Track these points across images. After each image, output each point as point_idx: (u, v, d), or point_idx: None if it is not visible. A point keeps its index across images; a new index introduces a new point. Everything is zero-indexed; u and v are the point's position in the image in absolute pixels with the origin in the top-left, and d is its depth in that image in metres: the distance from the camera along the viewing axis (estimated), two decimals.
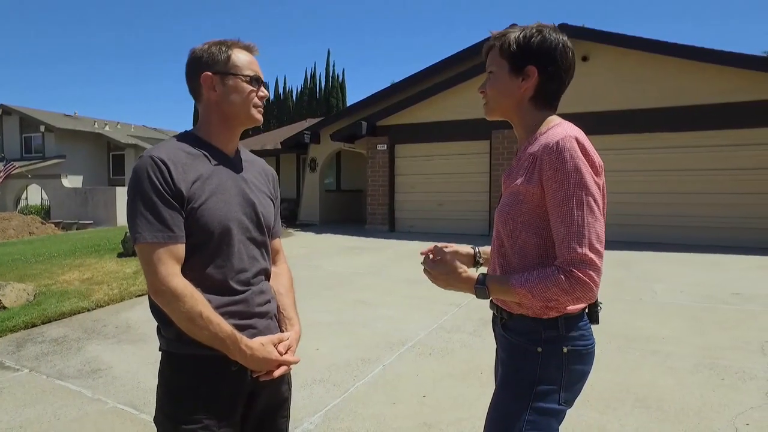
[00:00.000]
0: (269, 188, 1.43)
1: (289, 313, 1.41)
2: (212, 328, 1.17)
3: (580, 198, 1.10)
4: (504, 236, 1.24)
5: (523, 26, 1.26)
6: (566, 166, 1.11)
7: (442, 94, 11.00)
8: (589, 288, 1.09)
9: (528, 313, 1.21)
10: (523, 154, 1.25)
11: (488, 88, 1.30)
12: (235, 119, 1.31)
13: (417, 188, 11.70)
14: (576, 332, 1.21)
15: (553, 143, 1.14)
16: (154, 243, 1.15)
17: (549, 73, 1.23)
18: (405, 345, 3.87)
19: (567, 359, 1.19)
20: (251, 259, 1.31)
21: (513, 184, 1.23)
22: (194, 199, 1.20)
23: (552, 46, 1.22)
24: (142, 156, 1.20)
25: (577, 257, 1.09)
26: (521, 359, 1.22)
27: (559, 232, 1.12)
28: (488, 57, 1.30)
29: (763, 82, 8.28)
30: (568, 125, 1.21)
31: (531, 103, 1.26)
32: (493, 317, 1.37)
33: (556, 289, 1.10)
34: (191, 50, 1.31)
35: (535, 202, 1.17)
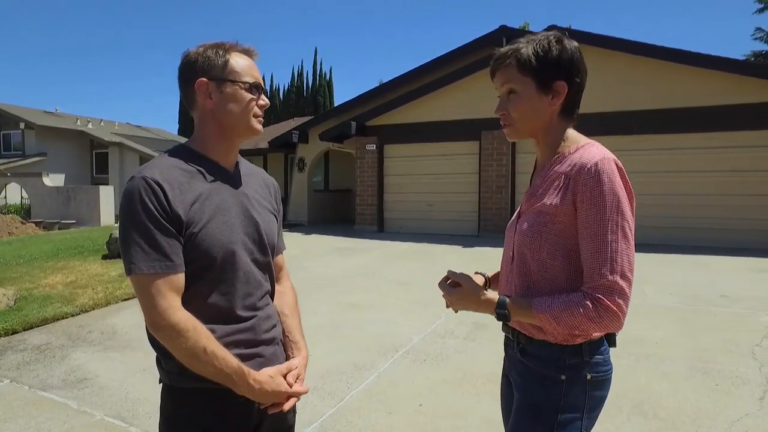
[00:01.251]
0: (271, 202, 1.35)
1: (295, 336, 1.33)
2: (217, 364, 1.09)
3: (615, 223, 1.07)
4: (529, 258, 1.18)
5: (530, 36, 1.20)
6: (603, 189, 1.07)
7: (431, 95, 10.98)
8: (616, 317, 1.06)
9: (550, 339, 1.16)
10: (550, 172, 1.19)
11: (512, 109, 1.21)
12: (233, 130, 1.21)
13: (406, 189, 11.67)
14: (599, 357, 1.17)
15: (591, 165, 1.09)
16: (150, 274, 1.06)
17: (575, 85, 1.18)
18: (399, 351, 3.83)
19: (590, 386, 1.16)
20: (256, 283, 1.23)
21: (540, 204, 1.18)
22: (194, 223, 1.11)
23: (574, 57, 1.17)
24: (133, 177, 1.10)
25: (606, 284, 1.05)
26: (543, 387, 1.18)
27: (589, 257, 1.08)
28: (502, 75, 1.22)
29: (747, 85, 8.39)
30: (600, 146, 1.17)
31: (559, 118, 1.21)
32: (506, 339, 1.32)
33: (582, 317, 1.06)
34: (185, 54, 1.21)
35: (566, 223, 1.13)
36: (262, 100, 1.23)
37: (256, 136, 1.33)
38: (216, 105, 1.18)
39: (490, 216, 10.68)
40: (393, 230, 11.70)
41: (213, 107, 1.18)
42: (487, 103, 10.55)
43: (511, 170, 10.51)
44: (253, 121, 1.22)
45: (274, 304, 1.32)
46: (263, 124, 1.29)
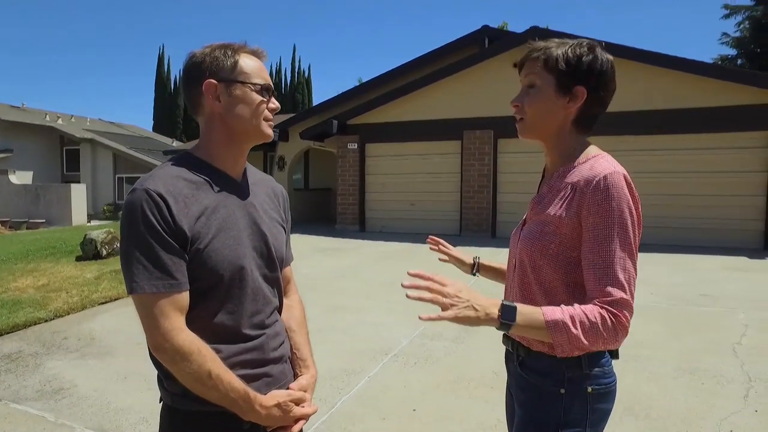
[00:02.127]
0: (279, 213, 1.28)
1: (303, 354, 1.27)
2: (222, 388, 1.02)
3: (621, 239, 1.05)
4: (528, 267, 1.16)
5: (566, 40, 1.17)
6: (612, 203, 1.05)
7: (413, 94, 10.95)
8: (626, 333, 1.04)
9: (547, 350, 1.12)
10: (558, 182, 1.16)
11: (527, 103, 1.18)
12: (243, 135, 1.14)
13: (388, 188, 11.62)
14: (599, 369, 1.14)
15: (600, 178, 1.06)
16: (153, 294, 0.99)
17: (597, 97, 1.15)
18: (388, 354, 3.78)
19: (591, 399, 1.12)
20: (265, 300, 1.16)
21: (544, 213, 1.15)
22: (199, 239, 1.04)
23: (604, 69, 1.14)
24: (134, 189, 1.03)
25: (622, 299, 1.03)
26: (542, 401, 1.14)
27: (594, 272, 1.05)
28: (527, 68, 1.18)
29: (725, 89, 8.61)
30: (611, 158, 1.14)
31: (572, 126, 1.18)
32: (507, 353, 1.28)
33: (603, 334, 1.01)
34: (190, 54, 1.13)
35: (569, 235, 1.10)
36: (272, 103, 1.16)
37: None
38: (225, 108, 1.11)
39: (471, 215, 10.72)
40: (374, 230, 11.65)
41: (221, 110, 1.11)
42: (470, 103, 10.64)
43: (493, 170, 10.57)
44: (264, 125, 1.15)
45: (282, 319, 1.26)
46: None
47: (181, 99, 39.66)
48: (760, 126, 8.51)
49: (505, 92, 10.19)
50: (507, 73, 10.39)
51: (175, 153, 11.22)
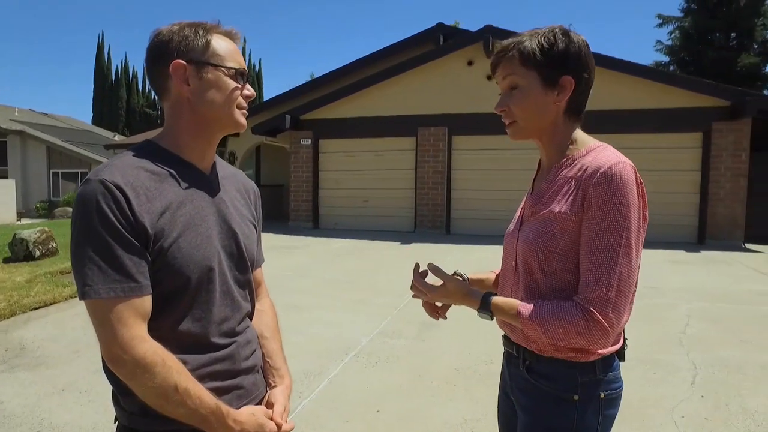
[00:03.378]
0: (251, 210, 1.17)
1: (277, 362, 1.16)
2: (191, 404, 0.90)
3: (621, 233, 0.99)
4: (536, 269, 1.09)
5: (533, 30, 1.11)
6: (615, 195, 0.99)
7: (368, 90, 10.87)
8: (605, 333, 0.99)
9: (561, 356, 1.07)
10: (558, 177, 1.11)
11: (514, 105, 1.11)
12: (214, 123, 1.03)
13: (342, 184, 11.49)
14: (612, 374, 1.10)
15: (605, 168, 1.00)
16: (110, 299, 0.88)
17: (583, 80, 1.09)
18: (348, 354, 3.68)
19: (603, 405, 1.08)
20: (235, 305, 1.06)
21: (547, 210, 1.09)
22: (163, 236, 0.93)
23: (582, 51, 1.08)
24: (88, 180, 0.90)
25: (601, 296, 0.98)
26: (555, 408, 1.09)
27: (587, 266, 1.01)
28: (503, 68, 1.12)
29: (667, 92, 9.07)
30: (614, 149, 1.09)
31: (564, 117, 1.12)
32: (508, 356, 1.22)
33: (571, 329, 0.99)
34: (156, 32, 1.01)
35: (577, 232, 1.04)
36: (247, 90, 1.04)
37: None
38: (194, 92, 0.99)
39: (426, 212, 10.78)
40: (329, 226, 11.50)
41: (190, 95, 1.00)
42: (424, 100, 10.67)
43: (447, 167, 10.66)
44: (237, 114, 1.04)
45: (253, 325, 1.15)
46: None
47: (124, 90, 37.71)
48: (695, 128, 9.03)
49: (460, 90, 10.37)
50: (462, 70, 10.55)
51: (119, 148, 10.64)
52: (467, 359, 3.57)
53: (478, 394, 3.02)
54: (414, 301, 1.27)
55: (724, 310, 4.81)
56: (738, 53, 22.31)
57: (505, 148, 10.16)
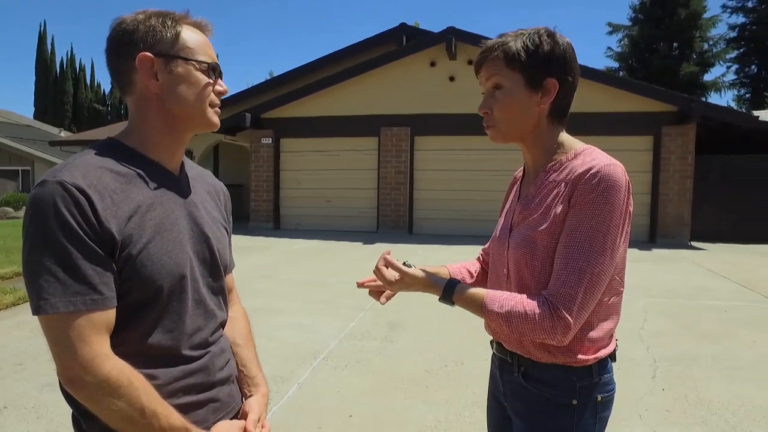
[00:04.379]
0: (221, 212, 1.10)
1: (252, 371, 1.10)
2: (159, 427, 0.83)
3: (602, 234, 0.98)
4: (528, 276, 1.08)
5: (518, 30, 1.09)
6: (601, 196, 0.98)
7: (330, 89, 10.77)
8: (569, 331, 0.98)
9: (558, 361, 1.06)
10: (546, 181, 1.09)
11: (497, 107, 1.08)
12: (185, 121, 0.96)
13: (303, 184, 11.34)
14: (606, 376, 1.10)
15: (595, 170, 1.00)
16: (69, 313, 0.79)
17: (567, 83, 1.08)
18: (317, 358, 3.60)
19: (599, 408, 1.08)
20: (208, 314, 0.99)
21: (537, 215, 1.07)
22: (131, 243, 0.85)
23: (567, 53, 1.07)
24: (44, 182, 0.81)
25: (569, 294, 0.97)
26: (553, 414, 1.08)
27: (561, 262, 1.00)
28: (487, 69, 1.09)
29: (623, 98, 9.44)
30: (602, 152, 1.08)
31: (548, 120, 1.10)
32: (501, 362, 1.19)
33: (535, 323, 0.98)
34: (118, 20, 0.92)
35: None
36: (219, 86, 0.97)
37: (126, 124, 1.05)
38: (163, 88, 0.92)
39: (388, 212, 10.78)
40: (290, 227, 11.31)
41: (158, 90, 0.92)
42: (387, 100, 10.67)
43: (410, 167, 10.70)
44: (209, 112, 0.97)
45: (225, 333, 1.08)
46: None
47: (70, 84, 35.97)
48: (646, 131, 9.45)
49: (423, 90, 10.42)
50: (424, 71, 10.62)
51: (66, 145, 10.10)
52: (437, 360, 3.56)
53: (450, 395, 3.01)
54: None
55: (678, 306, 5.04)
56: (680, 62, 23.63)
57: (467, 149, 10.31)
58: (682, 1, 23.44)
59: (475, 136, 10.11)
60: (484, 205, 10.28)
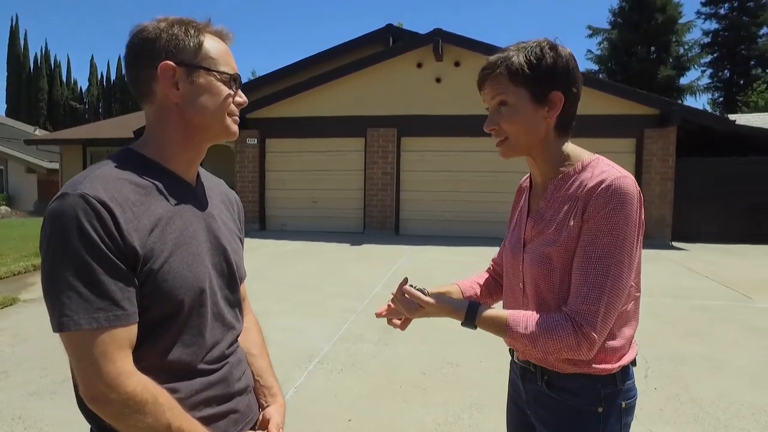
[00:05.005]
0: (236, 222, 1.09)
1: (268, 380, 1.10)
2: None
3: (615, 248, 1.00)
4: (545, 290, 1.09)
5: (519, 43, 1.10)
6: (615, 210, 0.99)
7: (317, 89, 10.71)
8: (594, 346, 1.00)
9: (582, 370, 1.07)
10: (557, 195, 1.10)
11: (504, 123, 1.09)
12: (205, 132, 0.95)
13: (289, 185, 11.25)
14: (629, 383, 1.12)
15: (607, 184, 1.01)
16: (93, 330, 0.77)
17: (572, 95, 1.09)
18: (312, 361, 3.58)
19: (623, 414, 1.10)
20: (227, 327, 0.99)
21: (551, 231, 1.08)
22: (153, 257, 0.84)
23: (569, 65, 1.08)
24: (65, 195, 0.79)
25: (592, 311, 0.99)
26: (578, 421, 1.09)
27: (580, 279, 1.01)
28: (491, 86, 1.09)
29: (597, 99, 9.59)
30: (611, 162, 1.09)
31: (554, 132, 1.11)
32: (522, 370, 1.20)
33: (561, 342, 1.00)
34: (139, 28, 0.91)
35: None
36: (240, 97, 0.96)
37: (109, 124, 1.04)
38: (184, 98, 0.91)
39: (375, 213, 10.77)
40: (275, 228, 11.22)
41: (179, 100, 0.91)
42: (374, 100, 10.66)
43: (396, 168, 10.71)
44: (229, 121, 0.96)
45: (240, 343, 1.07)
46: (113, 107, 1.01)
47: (45, 81, 35.02)
48: (629, 134, 9.63)
49: (409, 91, 10.44)
50: (411, 72, 10.64)
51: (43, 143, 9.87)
52: (432, 362, 3.57)
53: (447, 398, 3.02)
54: (373, 305, 1.24)
55: (663, 305, 5.15)
56: (657, 65, 24.18)
57: (453, 150, 10.37)
58: (658, 6, 24.01)
59: (461, 138, 10.19)
60: (470, 206, 10.36)
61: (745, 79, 25.97)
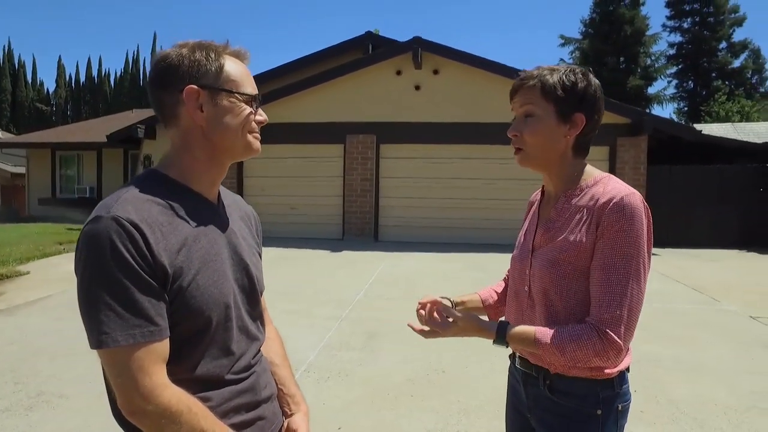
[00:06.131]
0: (255, 238, 1.13)
1: (291, 389, 1.14)
2: None
3: (635, 260, 1.07)
4: (555, 296, 1.15)
5: (553, 66, 1.18)
6: (628, 224, 1.07)
7: (296, 95, 10.69)
8: (620, 352, 1.07)
9: (582, 374, 1.14)
10: (567, 206, 1.17)
11: (527, 133, 1.17)
12: (228, 151, 0.99)
13: (268, 191, 11.17)
14: (625, 387, 1.19)
15: (618, 199, 1.08)
16: (129, 346, 0.82)
17: (593, 121, 1.18)
18: (298, 370, 3.57)
19: (620, 416, 1.17)
20: (251, 339, 1.03)
21: (561, 239, 1.15)
22: (182, 275, 0.88)
23: (597, 94, 1.17)
24: (98, 217, 0.83)
25: (615, 317, 1.06)
26: (580, 423, 1.15)
27: (600, 289, 1.08)
28: (521, 96, 1.17)
29: None
30: (620, 180, 1.17)
31: (572, 151, 1.19)
32: (524, 375, 1.26)
33: (589, 350, 1.06)
34: (162, 55, 0.96)
35: (590, 255, 1.12)
36: (260, 116, 1.01)
37: (80, 127, 1.07)
38: (208, 120, 0.95)
39: (354, 220, 10.78)
40: None
41: (204, 123, 0.95)
42: (353, 107, 10.70)
43: (375, 174, 10.75)
44: (251, 138, 1.00)
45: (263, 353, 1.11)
46: (82, 110, 1.05)
47: (8, 81, 33.84)
48: (603, 142, 9.91)
49: (389, 98, 10.50)
50: (391, 79, 10.73)
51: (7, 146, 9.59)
52: (419, 368, 3.60)
53: (436, 404, 3.06)
54: (355, 312, 1.29)
55: None
56: (627, 75, 24.99)
57: (432, 157, 10.48)
58: (627, 18, 24.87)
59: (440, 145, 10.32)
60: (449, 213, 10.47)
61: (707, 90, 27.11)
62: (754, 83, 28.30)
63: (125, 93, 24.71)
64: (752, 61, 27.78)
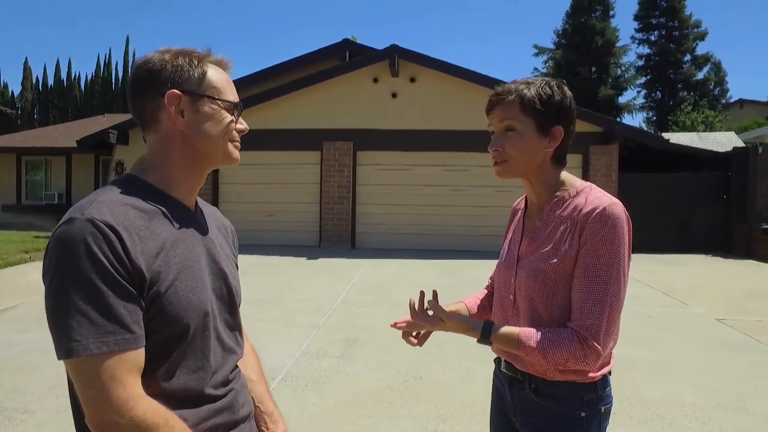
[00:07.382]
0: (232, 250, 1.11)
1: (268, 407, 1.11)
2: None
3: (615, 268, 1.11)
4: (540, 305, 1.18)
5: (527, 79, 1.22)
6: (610, 233, 1.10)
7: (273, 101, 10.63)
8: (599, 357, 1.10)
9: (567, 378, 1.17)
10: (552, 216, 1.20)
11: (508, 146, 1.19)
12: (209, 158, 0.98)
13: (244, 198, 11.04)
14: (607, 390, 1.22)
15: (601, 208, 1.12)
16: (102, 354, 0.77)
17: (569, 132, 1.21)
18: (275, 378, 3.53)
19: (602, 418, 1.20)
20: (229, 351, 1.00)
21: (547, 249, 1.18)
22: (159, 280, 0.85)
23: (572, 106, 1.21)
24: (73, 220, 0.80)
25: (595, 324, 1.09)
26: (564, 425, 1.18)
27: (581, 295, 1.11)
28: (500, 110, 1.20)
29: None
30: (600, 189, 1.20)
31: (551, 162, 1.23)
32: (510, 379, 1.28)
33: (569, 354, 1.10)
34: (144, 59, 0.95)
35: (574, 264, 1.15)
36: (240, 124, 1.00)
37: (48, 132, 1.06)
38: (189, 125, 0.94)
39: (331, 226, 10.74)
40: None
41: (184, 128, 0.94)
42: (330, 114, 10.70)
43: (352, 181, 10.75)
44: (231, 147, 1.00)
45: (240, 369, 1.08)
46: (51, 114, 1.04)
47: None
48: (576, 150, 10.13)
49: (365, 105, 10.54)
50: (367, 87, 10.78)
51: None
52: (396, 375, 3.60)
53: (414, 411, 3.06)
54: (333, 319, 1.30)
55: None
56: (598, 85, 25.67)
57: (408, 164, 10.54)
58: (598, 29, 25.58)
59: (417, 152, 10.39)
60: (426, 219, 10.53)
61: (673, 100, 28.08)
62: (716, 95, 29.47)
63: (97, 97, 24.10)
64: (714, 74, 28.97)
